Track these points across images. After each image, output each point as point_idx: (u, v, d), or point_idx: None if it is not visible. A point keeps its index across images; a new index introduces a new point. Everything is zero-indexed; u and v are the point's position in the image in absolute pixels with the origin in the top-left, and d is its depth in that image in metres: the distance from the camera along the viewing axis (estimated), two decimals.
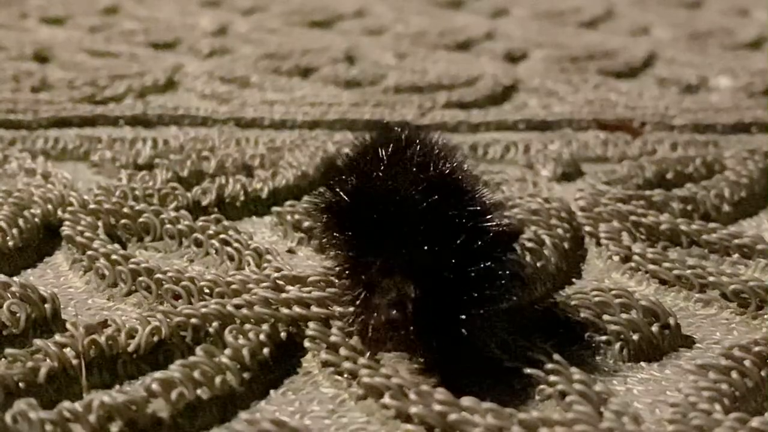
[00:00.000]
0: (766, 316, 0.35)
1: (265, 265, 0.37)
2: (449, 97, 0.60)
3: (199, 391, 0.29)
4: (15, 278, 0.34)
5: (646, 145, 0.53)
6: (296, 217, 0.41)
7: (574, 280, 0.38)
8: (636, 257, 0.38)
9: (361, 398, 0.29)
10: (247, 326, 0.32)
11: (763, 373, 0.31)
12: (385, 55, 0.73)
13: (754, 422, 0.28)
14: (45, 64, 0.68)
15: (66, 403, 0.27)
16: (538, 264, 0.38)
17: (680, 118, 0.57)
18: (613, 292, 0.34)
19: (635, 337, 0.33)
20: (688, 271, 0.37)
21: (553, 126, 0.56)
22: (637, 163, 0.49)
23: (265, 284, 0.34)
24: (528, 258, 0.37)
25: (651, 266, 0.38)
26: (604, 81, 0.67)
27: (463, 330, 0.28)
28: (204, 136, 0.53)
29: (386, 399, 0.29)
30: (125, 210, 0.40)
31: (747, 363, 0.31)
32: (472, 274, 0.28)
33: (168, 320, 0.31)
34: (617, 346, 0.32)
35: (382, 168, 0.32)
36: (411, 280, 0.28)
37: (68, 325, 0.31)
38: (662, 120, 0.57)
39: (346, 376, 0.30)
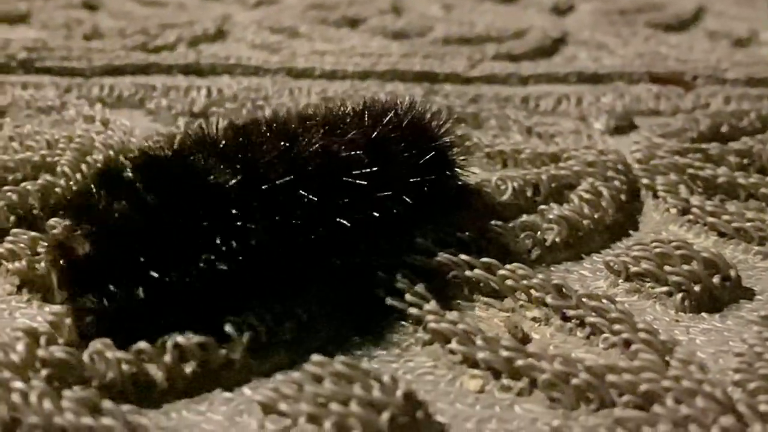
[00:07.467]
0: None
1: None
2: (498, 50, 0.60)
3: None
4: None
5: (699, 98, 0.53)
6: None
7: (631, 232, 0.38)
8: (695, 209, 0.38)
9: (428, 343, 0.30)
10: None
11: None
12: (432, 6, 0.73)
13: None
14: (94, 13, 0.68)
15: (142, 344, 0.28)
16: (596, 215, 0.38)
17: (732, 71, 0.57)
18: (673, 243, 0.35)
19: (697, 288, 0.33)
20: (748, 224, 0.37)
21: (605, 79, 0.56)
22: (691, 116, 0.49)
23: None
24: (585, 209, 0.38)
25: (710, 219, 0.38)
26: (654, 34, 0.66)
27: None
28: (257, 85, 0.53)
29: (453, 344, 0.29)
30: None
31: None
32: None
33: None
34: (679, 296, 0.33)
35: None
36: None
37: None
38: (714, 74, 0.57)
39: (411, 321, 0.31)
